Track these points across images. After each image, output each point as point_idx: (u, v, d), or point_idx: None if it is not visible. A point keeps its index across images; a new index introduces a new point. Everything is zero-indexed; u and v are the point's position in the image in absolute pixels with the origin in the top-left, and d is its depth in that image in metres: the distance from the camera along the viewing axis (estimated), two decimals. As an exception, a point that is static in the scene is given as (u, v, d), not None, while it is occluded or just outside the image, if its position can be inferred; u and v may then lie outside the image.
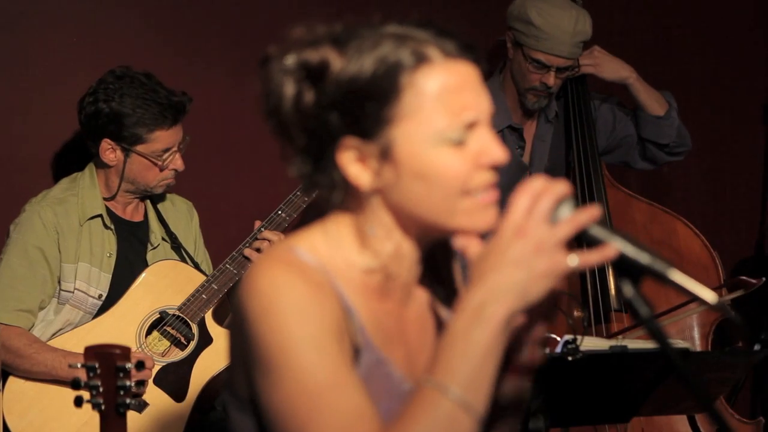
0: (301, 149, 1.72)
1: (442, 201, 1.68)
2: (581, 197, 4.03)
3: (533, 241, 1.61)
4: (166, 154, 3.66)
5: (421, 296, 1.84)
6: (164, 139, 3.64)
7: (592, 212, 1.64)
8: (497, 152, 1.69)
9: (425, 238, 1.75)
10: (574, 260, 1.62)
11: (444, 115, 1.66)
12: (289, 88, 1.70)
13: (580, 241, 1.65)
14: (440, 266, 1.88)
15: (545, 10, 3.97)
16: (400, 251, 1.74)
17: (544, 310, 1.72)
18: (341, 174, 1.70)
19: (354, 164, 1.70)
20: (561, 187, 1.65)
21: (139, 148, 3.64)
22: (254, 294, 1.66)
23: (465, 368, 1.61)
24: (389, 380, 1.73)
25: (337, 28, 1.72)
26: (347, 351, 1.67)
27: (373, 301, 1.75)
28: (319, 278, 1.68)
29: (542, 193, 1.63)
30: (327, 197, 1.73)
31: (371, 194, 1.71)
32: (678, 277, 1.63)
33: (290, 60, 1.71)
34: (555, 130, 4.22)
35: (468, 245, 1.68)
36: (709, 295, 1.64)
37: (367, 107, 1.67)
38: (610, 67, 4.18)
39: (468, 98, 1.68)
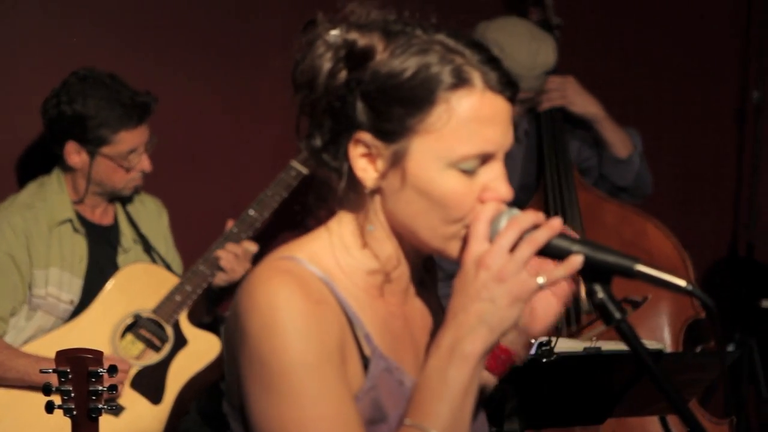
0: (318, 125, 1.71)
1: (438, 223, 1.68)
2: (553, 199, 4.03)
3: (494, 270, 1.63)
4: (132, 155, 3.64)
5: (422, 295, 1.84)
6: (129, 140, 3.63)
7: (550, 227, 1.66)
8: (503, 189, 1.69)
9: (417, 249, 1.75)
10: (541, 280, 1.64)
11: (466, 143, 1.65)
12: (327, 63, 1.68)
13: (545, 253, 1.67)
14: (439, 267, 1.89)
15: (503, 42, 3.92)
16: (398, 254, 1.74)
17: None
18: (348, 164, 1.70)
19: (362, 159, 1.69)
20: (525, 218, 1.66)
21: (105, 149, 3.62)
22: (254, 309, 1.64)
23: (443, 410, 1.63)
24: (401, 388, 1.73)
25: (391, 18, 1.71)
26: (346, 373, 1.66)
27: (378, 303, 1.75)
28: (320, 290, 1.67)
29: (510, 225, 1.65)
30: (329, 184, 1.73)
31: (372, 193, 1.71)
32: (646, 269, 1.64)
33: (333, 35, 1.69)
34: (526, 149, 4.21)
35: None
36: (680, 282, 1.64)
37: (395, 109, 1.66)
38: (580, 101, 4.16)
39: (493, 133, 1.67)
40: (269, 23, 4.25)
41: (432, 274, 1.90)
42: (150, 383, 3.61)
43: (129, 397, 3.56)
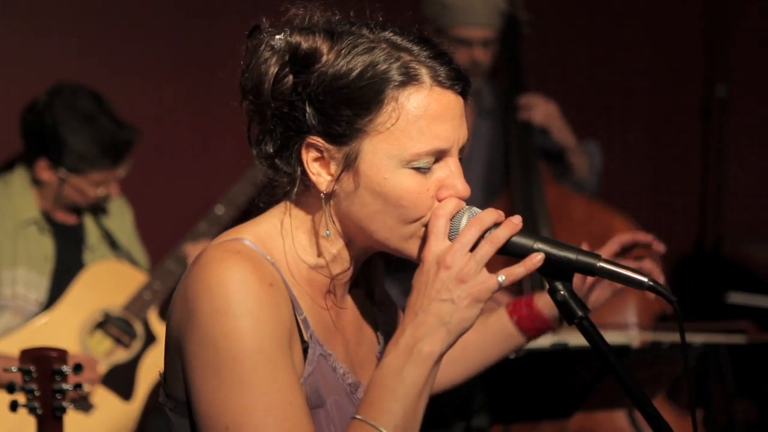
0: (269, 131, 1.70)
1: (395, 224, 1.67)
2: (520, 195, 4.05)
3: (454, 270, 1.62)
4: (101, 186, 3.62)
5: (354, 295, 1.83)
6: (101, 177, 3.60)
7: (510, 225, 1.65)
8: (460, 186, 1.68)
9: (367, 249, 1.75)
10: (501, 278, 1.63)
11: (416, 141, 1.64)
12: (272, 68, 1.67)
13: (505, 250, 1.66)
14: (373, 265, 1.87)
15: None
16: (342, 255, 1.73)
17: None
18: (302, 168, 1.68)
19: (315, 163, 1.68)
20: (486, 216, 1.65)
21: (75, 178, 3.58)
22: (206, 290, 1.61)
23: (396, 409, 1.62)
24: (335, 373, 1.72)
25: (335, 20, 1.69)
26: (294, 357, 1.65)
27: (316, 296, 1.74)
28: (271, 272, 1.65)
29: (471, 224, 1.64)
30: (284, 187, 1.71)
31: (327, 197, 1.69)
32: (608, 266, 1.65)
33: (278, 39, 1.68)
34: (492, 126, 4.24)
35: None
36: (643, 278, 1.65)
37: (344, 111, 1.64)
38: (561, 130, 4.19)
39: (444, 129, 1.66)
40: (237, 21, 4.24)
41: (372, 267, 1.89)
42: (121, 380, 3.60)
43: (100, 395, 3.55)
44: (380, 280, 1.91)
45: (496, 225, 1.66)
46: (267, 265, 1.65)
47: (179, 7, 4.27)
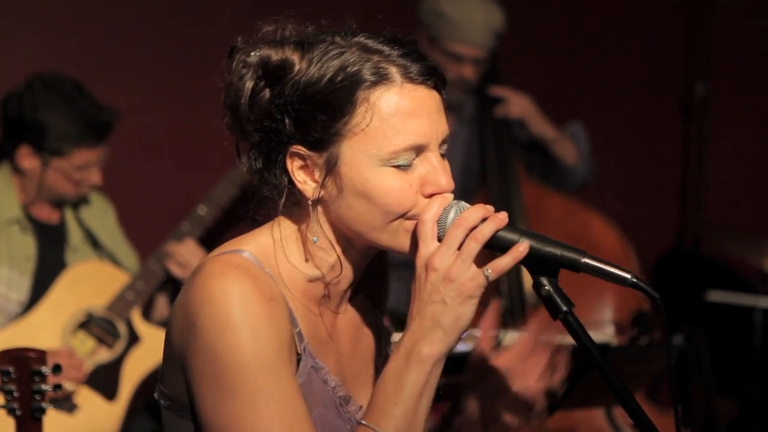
0: (254, 145, 1.73)
1: (381, 222, 1.70)
2: (497, 194, 4.06)
3: (442, 271, 1.65)
4: (83, 170, 3.61)
5: (356, 302, 1.85)
6: (84, 157, 3.60)
7: (496, 220, 1.67)
8: (442, 181, 1.70)
9: (367, 251, 1.77)
10: (488, 272, 1.66)
11: (392, 139, 1.67)
12: (248, 83, 1.71)
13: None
14: (375, 269, 1.88)
15: (458, 1, 4.03)
16: (341, 263, 1.75)
17: None
18: (288, 178, 1.71)
19: (300, 171, 1.71)
20: (472, 214, 1.67)
21: (57, 161, 3.58)
22: (207, 304, 1.64)
23: (397, 412, 1.65)
24: (325, 386, 1.75)
25: (306, 31, 1.73)
26: (294, 368, 1.68)
27: (311, 307, 1.76)
28: (271, 285, 1.68)
29: (457, 224, 1.66)
30: (272, 198, 1.74)
31: (315, 204, 1.72)
32: (592, 262, 1.65)
33: (252, 55, 1.71)
34: (470, 134, 4.24)
35: None
36: (626, 274, 1.66)
37: (319, 117, 1.67)
38: (539, 122, 4.20)
39: (420, 124, 1.68)
40: (221, 20, 4.25)
41: (378, 271, 1.90)
42: (104, 381, 3.60)
43: (83, 395, 3.55)
44: (387, 285, 1.93)
45: (484, 220, 1.67)
46: (266, 279, 1.69)
47: (163, 4, 4.26)
